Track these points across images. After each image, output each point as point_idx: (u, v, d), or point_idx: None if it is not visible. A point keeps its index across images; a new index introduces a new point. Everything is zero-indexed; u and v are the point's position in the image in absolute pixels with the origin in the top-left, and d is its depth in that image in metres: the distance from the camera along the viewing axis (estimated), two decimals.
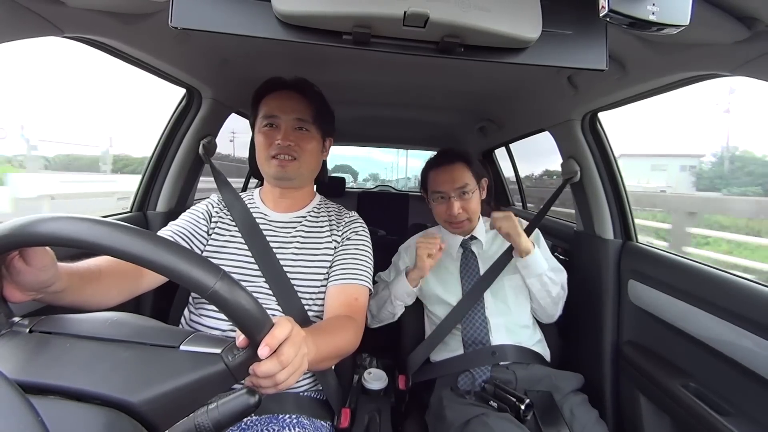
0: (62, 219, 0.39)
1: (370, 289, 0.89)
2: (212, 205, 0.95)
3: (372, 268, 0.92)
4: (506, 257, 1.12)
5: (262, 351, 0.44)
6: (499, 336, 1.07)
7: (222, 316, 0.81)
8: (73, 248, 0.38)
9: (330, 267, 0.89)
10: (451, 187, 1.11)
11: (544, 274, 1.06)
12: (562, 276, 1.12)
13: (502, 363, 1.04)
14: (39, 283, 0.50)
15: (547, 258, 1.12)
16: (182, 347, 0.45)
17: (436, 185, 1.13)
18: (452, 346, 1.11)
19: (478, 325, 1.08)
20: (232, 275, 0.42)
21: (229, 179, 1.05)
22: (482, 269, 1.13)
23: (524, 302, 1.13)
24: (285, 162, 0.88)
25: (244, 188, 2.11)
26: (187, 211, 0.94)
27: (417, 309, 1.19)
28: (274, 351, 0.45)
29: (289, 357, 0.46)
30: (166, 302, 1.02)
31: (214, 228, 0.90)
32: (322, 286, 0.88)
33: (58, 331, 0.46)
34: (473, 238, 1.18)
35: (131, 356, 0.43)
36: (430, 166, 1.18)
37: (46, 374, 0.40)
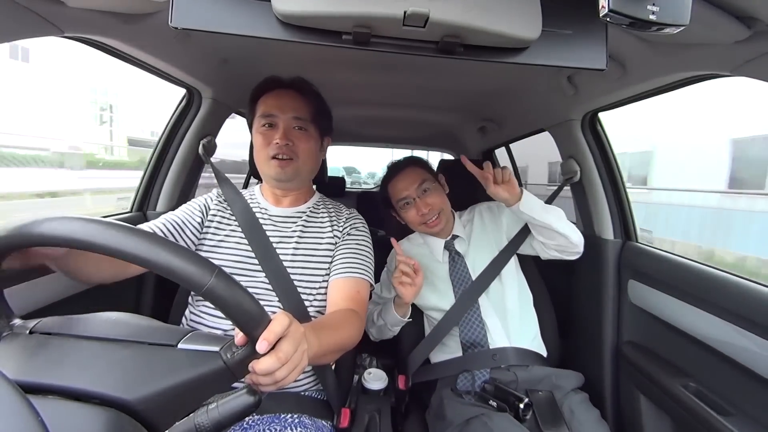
0: (55, 220, 0.39)
1: (371, 283, 0.89)
2: (211, 198, 0.95)
3: (373, 264, 0.93)
4: (498, 263, 1.11)
5: (260, 346, 0.43)
6: (497, 337, 1.07)
7: (224, 316, 0.81)
8: (69, 248, 0.39)
9: (331, 262, 0.89)
10: (412, 189, 1.12)
11: (543, 205, 1.02)
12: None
13: (502, 366, 1.04)
14: None
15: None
16: (180, 345, 0.45)
17: (398, 193, 1.14)
18: (451, 348, 1.11)
19: (475, 328, 1.07)
20: (232, 271, 0.42)
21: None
22: (470, 266, 1.13)
23: (512, 287, 1.13)
24: (284, 163, 0.87)
25: (245, 186, 2.10)
26: (185, 203, 0.94)
27: (417, 309, 1.19)
28: (273, 348, 0.45)
29: (287, 354, 0.46)
30: (166, 303, 1.02)
31: (212, 221, 0.90)
32: (323, 281, 0.88)
33: (57, 332, 0.46)
34: (454, 237, 1.18)
35: (129, 355, 0.43)
36: (386, 182, 1.19)
37: (45, 374, 0.40)
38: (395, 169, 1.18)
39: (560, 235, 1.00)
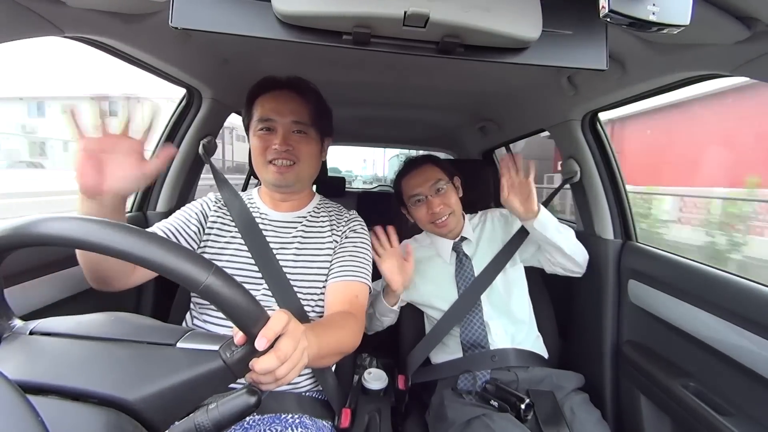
0: (52, 219, 0.39)
1: (369, 287, 0.88)
2: (209, 205, 0.92)
3: (371, 266, 0.92)
4: (499, 261, 1.11)
5: (259, 343, 0.43)
6: (498, 339, 1.07)
7: (226, 319, 0.80)
8: (67, 247, 0.39)
9: (330, 265, 0.88)
10: (426, 186, 1.12)
11: (557, 225, 1.03)
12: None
13: (502, 366, 1.03)
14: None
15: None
16: (179, 345, 0.45)
17: (411, 189, 1.14)
18: (451, 348, 1.10)
19: (477, 329, 1.07)
20: (233, 277, 0.42)
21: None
22: (477, 269, 1.13)
23: (520, 296, 1.13)
24: (283, 168, 0.85)
25: (245, 187, 2.10)
26: (181, 209, 0.91)
27: (417, 309, 1.19)
28: (272, 346, 0.44)
29: (287, 352, 0.45)
30: (166, 303, 1.02)
31: (212, 228, 0.88)
32: (323, 286, 0.87)
33: (57, 332, 0.46)
34: (463, 239, 1.18)
35: (128, 354, 0.43)
36: (401, 176, 1.18)
37: (45, 374, 0.40)
38: (411, 165, 1.17)
39: (567, 256, 1.03)
